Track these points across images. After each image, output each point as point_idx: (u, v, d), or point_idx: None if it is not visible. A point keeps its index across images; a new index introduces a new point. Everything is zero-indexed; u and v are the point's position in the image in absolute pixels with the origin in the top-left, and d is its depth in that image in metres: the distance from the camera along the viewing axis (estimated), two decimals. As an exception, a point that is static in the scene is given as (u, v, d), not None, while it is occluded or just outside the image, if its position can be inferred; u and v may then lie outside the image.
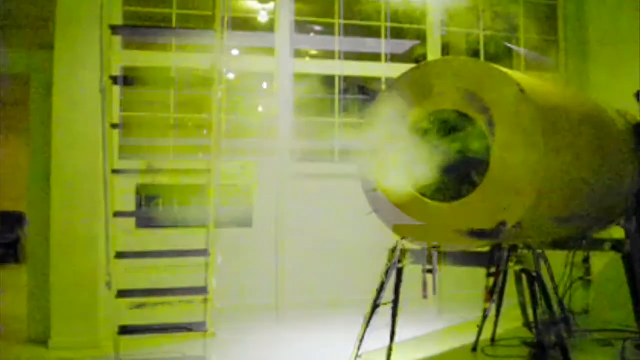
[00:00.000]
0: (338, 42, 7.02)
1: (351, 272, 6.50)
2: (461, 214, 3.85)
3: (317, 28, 7.44)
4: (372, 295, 4.37)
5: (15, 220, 13.32)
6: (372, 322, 4.39)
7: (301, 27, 7.10)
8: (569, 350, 4.13)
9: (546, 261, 3.99)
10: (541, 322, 3.89)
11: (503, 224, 3.69)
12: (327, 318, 6.47)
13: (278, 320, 6.55)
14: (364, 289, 4.42)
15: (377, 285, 4.38)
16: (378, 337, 4.38)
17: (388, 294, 4.40)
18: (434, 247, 4.01)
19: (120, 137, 6.18)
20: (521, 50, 7.55)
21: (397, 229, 4.21)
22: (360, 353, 4.38)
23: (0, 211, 12.68)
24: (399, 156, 4.09)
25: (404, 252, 4.24)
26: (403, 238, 4.24)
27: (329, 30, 7.12)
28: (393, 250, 4.29)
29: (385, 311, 4.41)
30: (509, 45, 7.67)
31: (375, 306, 4.36)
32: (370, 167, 4.25)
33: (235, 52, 6.81)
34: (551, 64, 7.70)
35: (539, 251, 3.99)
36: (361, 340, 4.36)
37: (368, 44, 7.31)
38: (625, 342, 4.92)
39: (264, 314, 6.53)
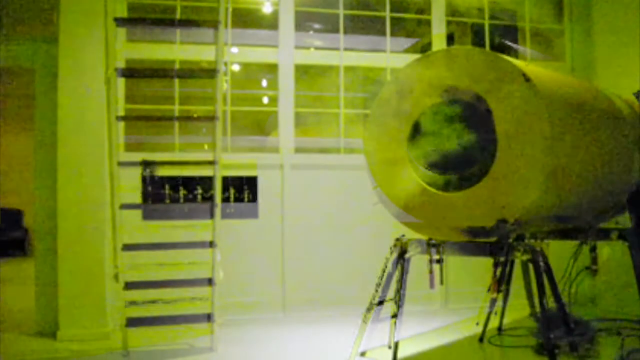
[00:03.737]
0: (341, 33, 7.00)
1: (358, 265, 6.51)
2: (465, 207, 3.84)
3: (320, 18, 7.41)
4: (376, 289, 4.35)
5: (18, 215, 13.40)
6: (377, 316, 4.37)
7: (304, 17, 7.07)
8: (576, 344, 4.13)
9: (543, 254, 3.96)
10: (547, 315, 3.88)
11: (503, 221, 3.67)
12: (334, 312, 6.48)
13: (284, 312, 6.57)
14: (372, 282, 4.40)
15: (381, 278, 4.36)
16: (384, 330, 4.37)
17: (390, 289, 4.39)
18: (432, 245, 3.99)
19: (126, 130, 6.20)
20: (517, 47, 7.52)
21: (403, 220, 4.20)
22: (366, 348, 4.37)
23: (2, 207, 12.78)
24: (404, 146, 4.07)
25: (406, 243, 4.22)
26: (403, 236, 4.24)
27: (333, 21, 7.09)
28: (396, 242, 4.28)
29: (389, 304, 4.40)
30: (513, 34, 7.63)
31: (380, 301, 4.34)
32: (372, 159, 4.24)
33: (239, 44, 6.80)
34: (557, 53, 7.66)
35: (538, 242, 3.97)
36: (362, 335, 4.34)
37: (371, 35, 7.28)
38: (623, 339, 4.90)
39: (270, 306, 6.55)
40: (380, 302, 4.34)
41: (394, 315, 4.26)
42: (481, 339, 5.33)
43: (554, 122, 3.70)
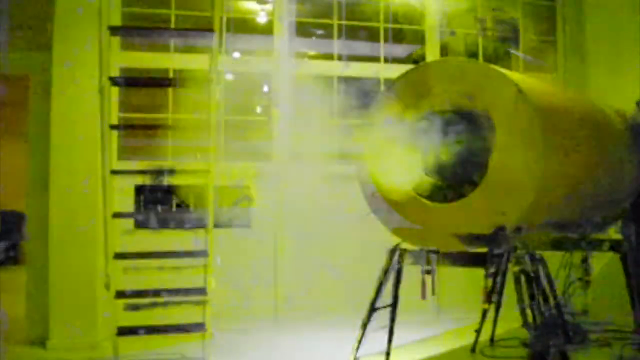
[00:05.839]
0: (337, 43, 7.03)
1: (351, 274, 6.49)
2: (459, 215, 3.85)
3: (316, 29, 7.44)
4: (369, 298, 4.35)
5: (14, 220, 13.24)
6: (370, 324, 4.37)
7: (300, 28, 7.10)
8: (567, 353, 4.13)
9: (544, 263, 3.98)
10: (538, 326, 3.89)
11: (502, 228, 3.68)
12: (326, 320, 6.46)
13: (276, 322, 6.54)
14: (363, 292, 4.41)
15: (375, 288, 4.36)
16: (376, 339, 4.36)
17: (384, 297, 4.39)
18: (431, 252, 4.01)
19: (119, 138, 6.18)
20: (519, 54, 7.55)
21: (395, 230, 4.21)
22: (358, 356, 4.36)
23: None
24: (398, 157, 4.09)
25: (402, 253, 4.23)
26: (398, 244, 4.25)
27: (327, 31, 7.12)
28: (392, 252, 4.28)
29: (383, 313, 4.40)
30: (507, 47, 7.67)
31: (374, 309, 4.34)
32: (369, 168, 4.25)
33: (234, 53, 6.81)
34: (549, 65, 7.70)
35: (536, 252, 3.99)
36: (359, 343, 4.34)
37: (367, 45, 7.31)
38: (623, 346, 4.90)
39: (263, 316, 6.53)
40: (375, 310, 4.35)
41: (389, 324, 4.26)
42: (473, 350, 5.32)
43: (546, 132, 3.72)
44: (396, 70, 6.54)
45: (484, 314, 5.13)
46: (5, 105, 10.58)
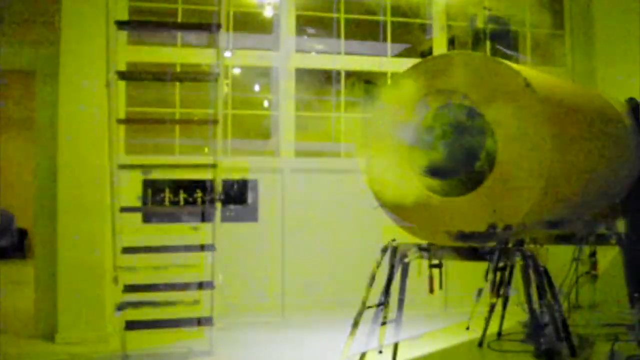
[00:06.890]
0: (342, 37, 7.01)
1: (358, 269, 6.49)
2: (464, 210, 3.83)
3: (320, 23, 7.42)
4: (370, 293, 4.34)
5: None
6: (378, 319, 4.36)
7: (304, 21, 7.08)
8: (575, 346, 4.12)
9: (534, 259, 3.94)
10: (527, 323, 3.88)
11: (493, 226, 3.66)
12: (333, 315, 6.46)
13: (283, 315, 6.56)
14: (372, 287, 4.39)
15: (375, 282, 4.34)
16: (386, 332, 4.36)
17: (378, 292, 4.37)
18: (429, 249, 3.99)
19: (126, 132, 6.20)
20: (510, 51, 7.52)
21: (402, 224, 4.19)
22: (365, 350, 4.36)
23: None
24: (404, 150, 4.08)
25: (397, 247, 4.21)
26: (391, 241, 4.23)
27: (332, 24, 7.10)
28: (385, 248, 4.26)
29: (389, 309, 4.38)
30: (514, 40, 7.64)
31: (380, 304, 4.32)
32: (375, 161, 4.24)
33: (238, 47, 6.81)
34: (557, 59, 7.66)
35: (537, 246, 3.97)
36: (352, 338, 4.31)
37: (372, 39, 7.29)
38: (614, 342, 4.86)
39: (269, 310, 6.54)
40: (376, 305, 4.33)
41: (385, 321, 4.25)
42: (480, 344, 5.32)
43: (554, 128, 3.69)
44: (402, 65, 6.53)
45: (492, 308, 5.12)
46: (12, 100, 10.64)
